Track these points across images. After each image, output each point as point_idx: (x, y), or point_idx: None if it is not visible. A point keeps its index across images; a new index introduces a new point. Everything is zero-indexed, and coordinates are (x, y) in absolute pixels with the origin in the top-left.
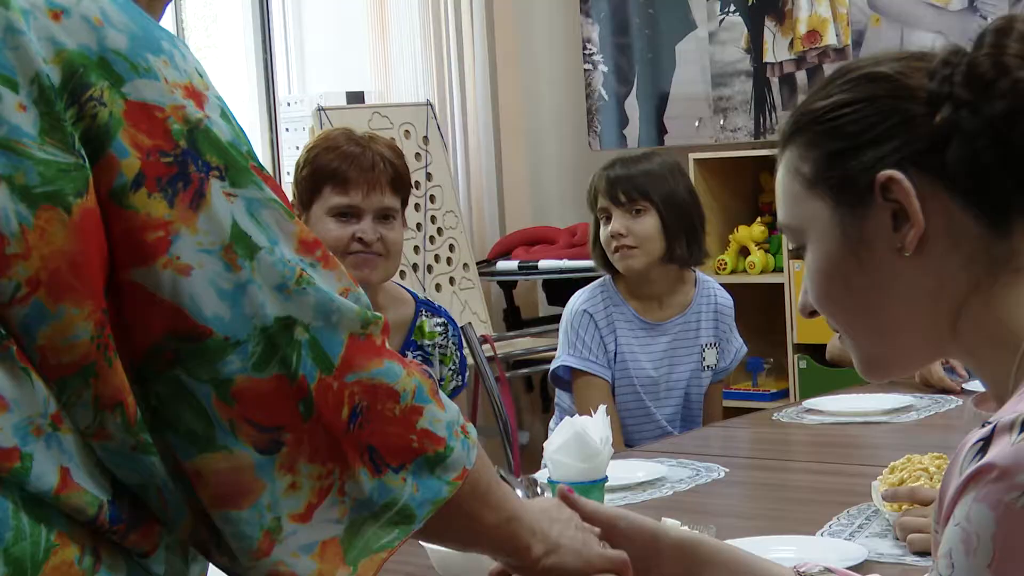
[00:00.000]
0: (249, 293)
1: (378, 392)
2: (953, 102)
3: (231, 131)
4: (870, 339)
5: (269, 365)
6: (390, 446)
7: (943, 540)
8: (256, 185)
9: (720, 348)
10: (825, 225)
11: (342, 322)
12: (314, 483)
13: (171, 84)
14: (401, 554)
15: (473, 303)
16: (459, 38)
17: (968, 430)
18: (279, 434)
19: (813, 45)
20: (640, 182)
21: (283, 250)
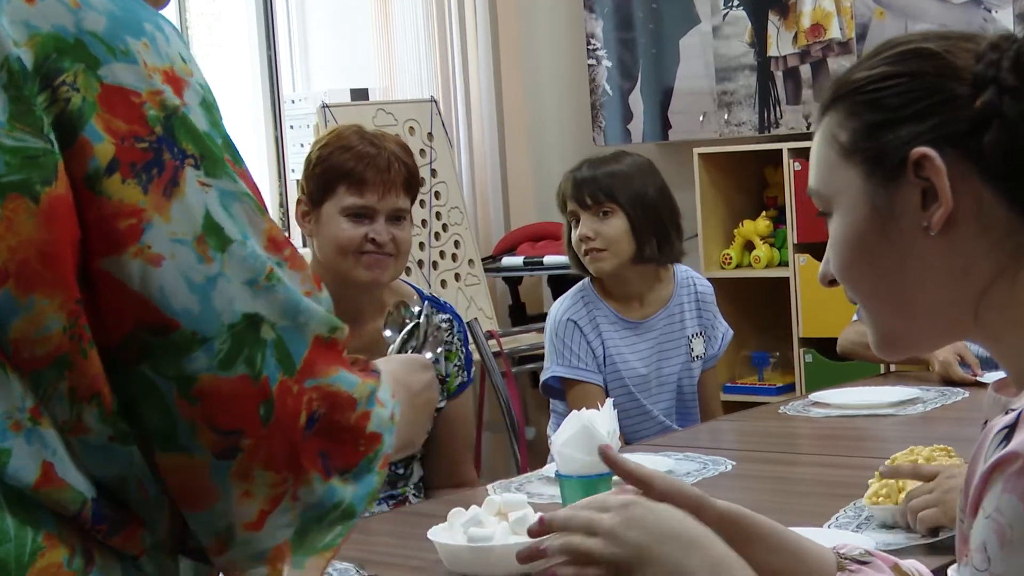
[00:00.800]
0: (219, 287)
1: (336, 400)
2: (998, 86)
3: (208, 121)
4: (889, 315)
5: (235, 364)
6: (340, 452)
7: (975, 533)
8: (230, 177)
9: (706, 336)
10: (855, 195)
11: (309, 324)
12: (268, 491)
13: (150, 68)
14: (408, 548)
15: (479, 299)
16: (463, 34)
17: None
18: (238, 439)
19: (817, 39)
20: (606, 184)
21: (253, 245)
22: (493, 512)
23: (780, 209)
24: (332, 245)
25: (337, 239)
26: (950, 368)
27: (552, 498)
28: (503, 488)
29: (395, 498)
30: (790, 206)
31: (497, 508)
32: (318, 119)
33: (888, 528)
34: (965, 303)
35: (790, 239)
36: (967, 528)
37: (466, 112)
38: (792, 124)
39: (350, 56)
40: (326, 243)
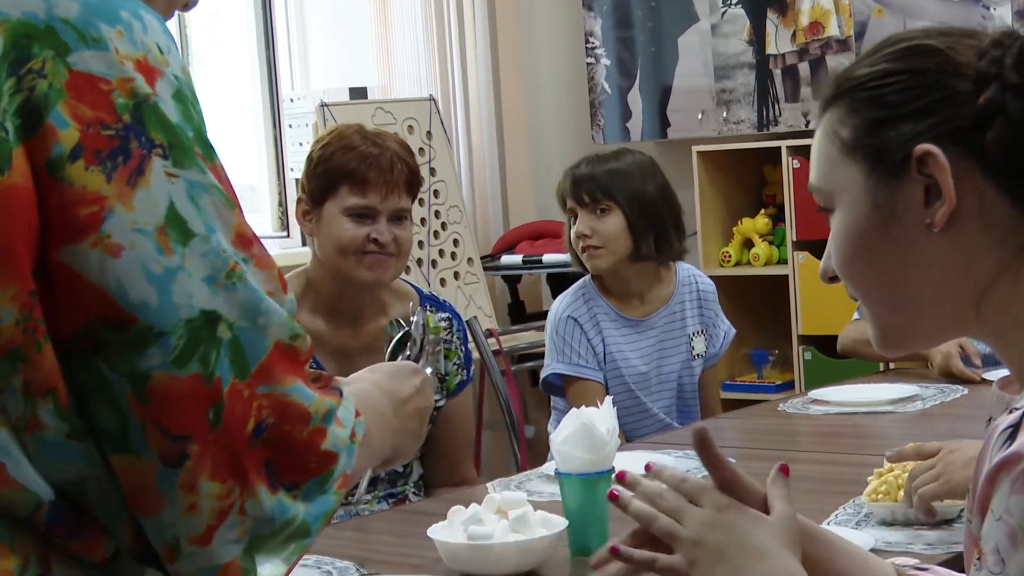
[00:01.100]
0: (179, 280)
1: (289, 411)
2: (1000, 83)
3: (181, 112)
4: (890, 311)
5: (189, 362)
6: (288, 466)
7: (987, 535)
8: (199, 168)
9: (708, 334)
10: (857, 192)
11: (270, 326)
12: (214, 503)
13: (122, 56)
14: (408, 546)
15: (478, 297)
16: (461, 33)
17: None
18: (186, 445)
19: (815, 37)
20: (604, 182)
21: (219, 240)
22: (493, 510)
23: (779, 207)
24: (334, 245)
25: (339, 239)
26: (951, 361)
27: (552, 496)
28: (503, 486)
29: (395, 496)
30: (789, 204)
31: (497, 506)
32: (317, 118)
33: (887, 525)
34: (967, 300)
35: (789, 237)
36: (976, 528)
37: (465, 111)
38: (791, 122)
39: (349, 55)
40: (328, 243)
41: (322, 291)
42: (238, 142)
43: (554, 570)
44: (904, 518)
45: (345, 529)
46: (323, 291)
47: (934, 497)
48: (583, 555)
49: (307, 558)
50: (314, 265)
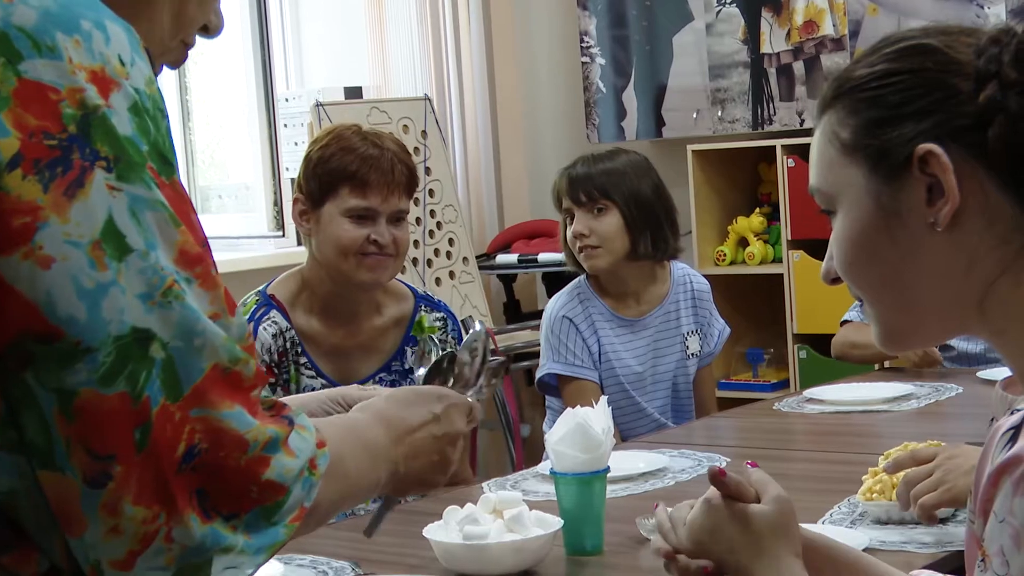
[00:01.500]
0: (111, 295)
1: (223, 438)
2: (1000, 81)
3: (136, 126)
4: (893, 310)
5: (116, 380)
6: (225, 493)
7: (990, 537)
8: (145, 184)
9: (703, 333)
10: (859, 193)
11: (205, 348)
12: (138, 528)
13: (75, 65)
14: (404, 546)
15: (473, 297)
16: (456, 32)
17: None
18: (110, 465)
19: (810, 35)
20: (600, 181)
21: (159, 257)
22: (488, 510)
23: (774, 206)
24: (334, 246)
25: (340, 240)
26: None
27: (547, 495)
28: (498, 486)
29: None
30: (784, 203)
31: (492, 506)
32: (312, 117)
33: (882, 524)
34: (970, 299)
35: (784, 235)
36: (978, 529)
37: (460, 110)
38: (786, 121)
39: (344, 54)
40: (327, 243)
41: (318, 291)
42: (233, 141)
43: (549, 570)
44: (899, 517)
45: (341, 529)
46: (319, 291)
47: (936, 506)
48: (578, 554)
49: (303, 558)
50: (310, 265)
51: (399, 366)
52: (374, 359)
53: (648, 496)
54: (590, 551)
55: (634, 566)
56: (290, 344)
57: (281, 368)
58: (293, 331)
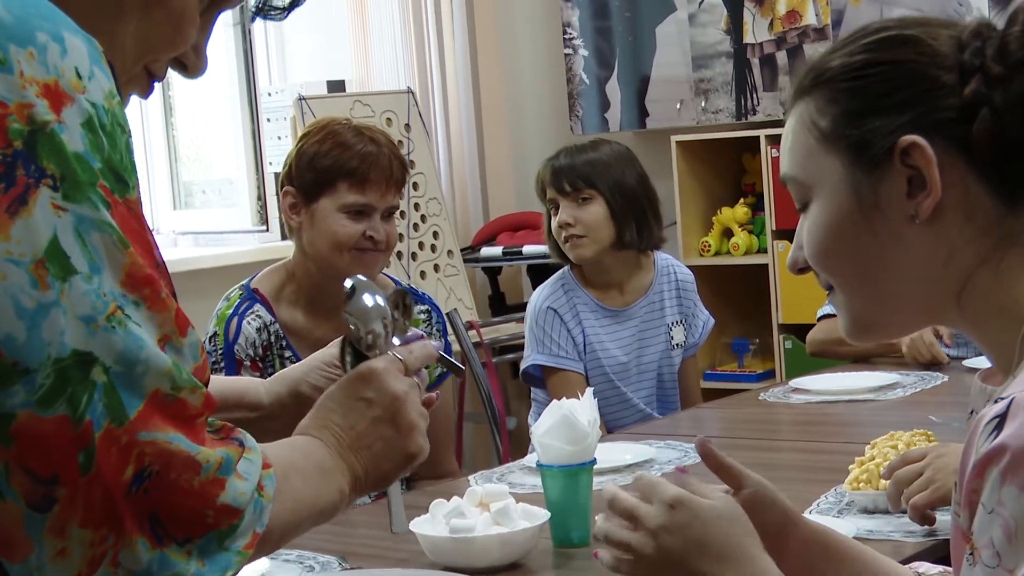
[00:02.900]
0: (51, 316)
1: (175, 460)
2: (984, 75)
3: (88, 142)
4: (866, 301)
5: (55, 403)
6: (179, 517)
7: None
8: (92, 204)
9: (687, 324)
10: (836, 183)
11: (147, 375)
12: (85, 551)
13: (26, 79)
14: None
15: (458, 289)
16: (439, 24)
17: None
18: (53, 488)
19: (793, 25)
20: (584, 171)
21: (104, 280)
22: (475, 503)
23: (758, 196)
24: (329, 241)
25: (336, 235)
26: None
27: (534, 488)
28: (484, 479)
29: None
30: (768, 193)
31: (479, 499)
32: (295, 111)
33: (869, 513)
34: (947, 290)
35: (768, 226)
36: (964, 522)
37: (443, 103)
38: (769, 111)
39: (326, 48)
40: (321, 238)
41: (304, 284)
42: (216, 136)
43: (536, 562)
44: (886, 506)
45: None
46: (305, 284)
47: (927, 505)
48: (565, 547)
49: (289, 553)
50: (297, 259)
51: None
52: None
53: None
54: (577, 543)
55: None
56: (274, 338)
57: (265, 362)
58: (277, 325)
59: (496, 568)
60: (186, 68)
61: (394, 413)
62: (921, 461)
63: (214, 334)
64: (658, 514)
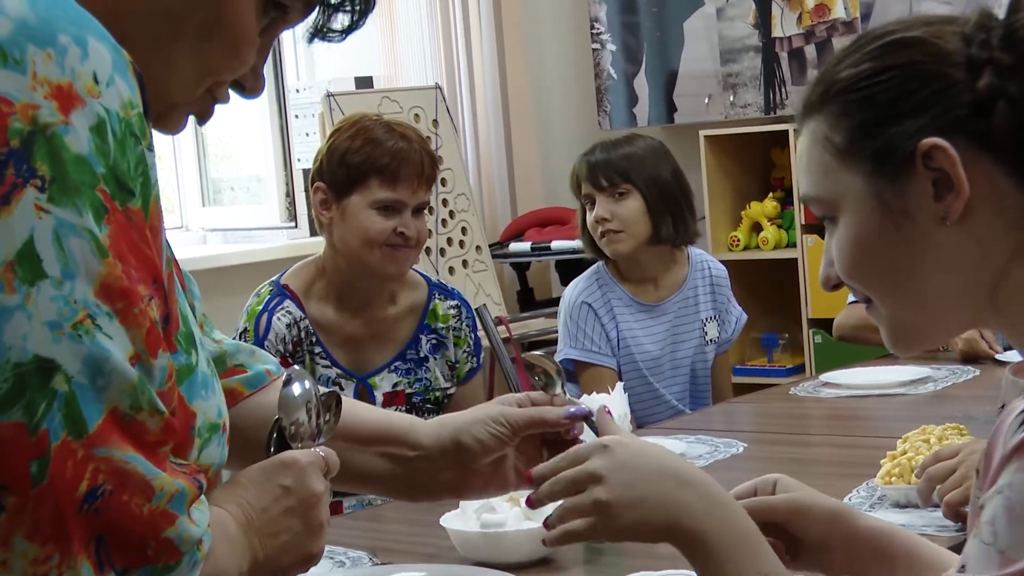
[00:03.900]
0: (14, 320)
1: (129, 480)
2: (995, 67)
3: (93, 146)
4: (905, 309)
5: (11, 409)
6: (123, 545)
7: (987, 507)
8: (75, 209)
9: (720, 320)
10: (860, 196)
11: (108, 389)
12: (27, 567)
13: (39, 80)
14: (421, 535)
15: (487, 285)
16: (466, 20)
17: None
18: (2, 496)
19: (821, 19)
20: (621, 166)
21: (77, 288)
22: (505, 498)
23: (787, 190)
24: (360, 237)
25: (367, 232)
26: (974, 345)
27: None
28: None
29: None
30: (797, 187)
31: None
32: (323, 108)
33: (901, 508)
34: (983, 288)
35: (798, 220)
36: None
37: (471, 98)
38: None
39: (354, 44)
40: (352, 234)
41: (333, 280)
42: (244, 133)
43: (567, 557)
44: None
45: (358, 519)
46: (335, 280)
47: (962, 503)
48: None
49: None
50: (328, 254)
51: (414, 355)
52: (388, 348)
53: None
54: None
55: (651, 552)
56: (304, 334)
57: (296, 358)
58: (307, 321)
59: (527, 563)
60: (244, 89)
61: (307, 509)
62: (954, 458)
63: (244, 330)
64: (599, 460)
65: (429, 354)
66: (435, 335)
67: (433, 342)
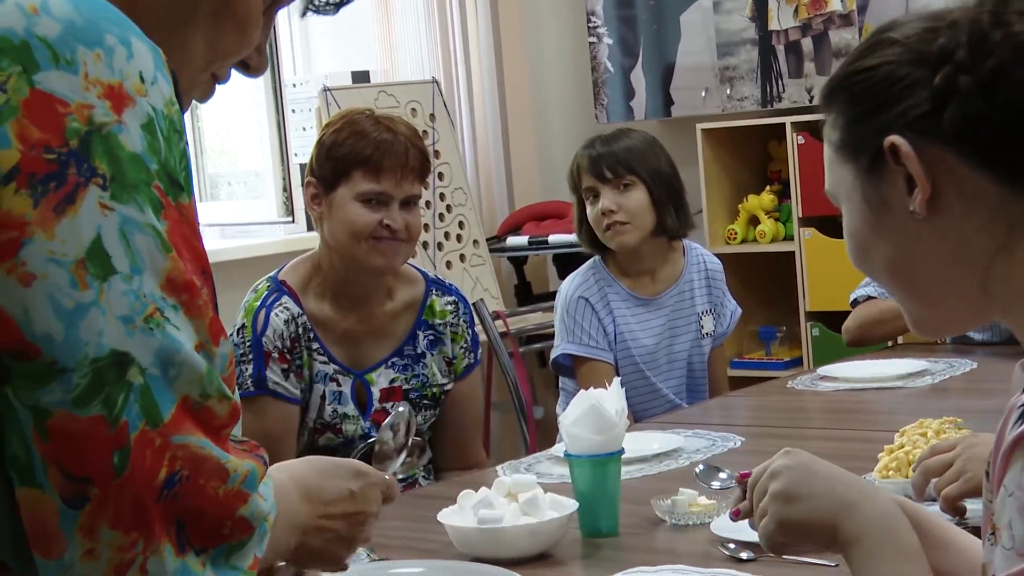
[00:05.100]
0: (90, 316)
1: (204, 465)
2: (953, 64)
3: (145, 144)
4: (910, 299)
5: (91, 403)
6: (201, 527)
7: (1000, 511)
8: (138, 206)
9: (716, 314)
10: (850, 189)
11: (180, 379)
12: (114, 555)
13: (91, 80)
14: (419, 531)
15: (484, 279)
16: (463, 14)
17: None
18: (86, 487)
19: (818, 12)
20: (624, 157)
21: (144, 282)
22: (503, 493)
23: (784, 183)
24: (346, 230)
25: (352, 224)
26: None
27: (562, 478)
28: (512, 469)
29: (405, 481)
30: (794, 180)
31: (507, 489)
32: (320, 103)
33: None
34: (972, 281)
35: (795, 213)
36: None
37: (468, 92)
38: (795, 98)
39: (351, 39)
40: (339, 228)
41: (329, 276)
42: (241, 128)
43: (565, 552)
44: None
45: None
46: (330, 276)
47: (960, 497)
48: (594, 536)
49: None
50: (322, 250)
51: (411, 351)
52: (386, 344)
53: (663, 477)
54: (605, 533)
55: (650, 547)
56: (302, 330)
57: (293, 354)
58: (305, 317)
59: (525, 559)
60: (249, 68)
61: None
62: (951, 452)
63: (242, 326)
64: (779, 462)
65: (426, 350)
66: (432, 331)
67: (430, 338)
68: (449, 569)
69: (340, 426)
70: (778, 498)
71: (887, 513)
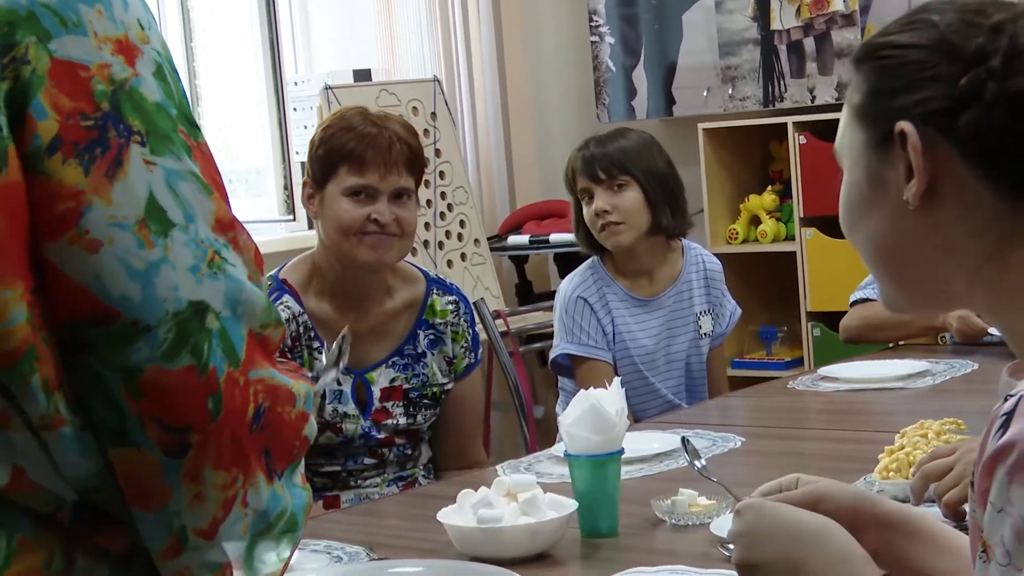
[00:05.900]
0: (162, 273)
1: (279, 393)
2: (986, 68)
3: (162, 91)
4: (886, 277)
5: (180, 355)
6: (281, 451)
7: (990, 527)
8: (174, 155)
9: (715, 314)
10: (856, 157)
11: (245, 316)
12: (219, 493)
13: (100, 39)
14: (418, 530)
15: (485, 278)
16: (465, 13)
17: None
18: (186, 435)
19: (820, 12)
20: (617, 157)
21: (199, 228)
22: (503, 493)
23: (786, 183)
24: (335, 226)
25: (340, 220)
26: (969, 321)
27: (561, 478)
28: (512, 468)
29: (404, 480)
30: (796, 180)
31: (507, 489)
32: (321, 101)
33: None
34: (956, 280)
35: (796, 213)
36: (980, 518)
37: (469, 91)
38: (796, 98)
39: (352, 37)
40: (329, 224)
41: (328, 275)
42: (243, 126)
43: (564, 552)
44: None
45: (355, 514)
46: (329, 275)
47: (961, 502)
48: (593, 536)
49: (317, 543)
50: (319, 248)
51: (412, 350)
52: (386, 343)
53: (663, 477)
54: (605, 533)
55: (649, 547)
56: (303, 329)
57: (294, 353)
58: (306, 316)
59: (524, 558)
60: None
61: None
62: (951, 456)
63: None
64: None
65: (427, 349)
66: (433, 330)
67: (431, 337)
68: (448, 569)
69: (340, 425)
70: (739, 571)
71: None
